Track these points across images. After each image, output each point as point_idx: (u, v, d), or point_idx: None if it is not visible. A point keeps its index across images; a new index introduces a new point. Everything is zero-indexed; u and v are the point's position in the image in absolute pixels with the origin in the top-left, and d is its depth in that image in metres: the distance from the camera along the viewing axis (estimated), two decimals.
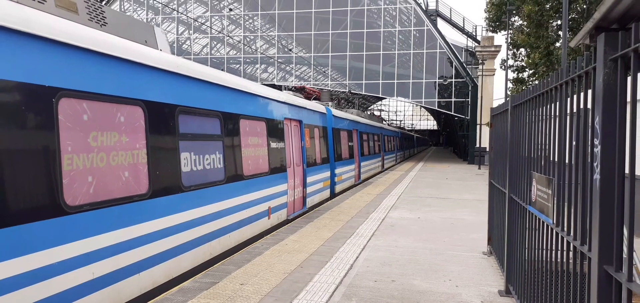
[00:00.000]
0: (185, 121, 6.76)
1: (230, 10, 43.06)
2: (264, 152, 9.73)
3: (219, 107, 7.85)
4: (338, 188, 16.91)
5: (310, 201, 13.10)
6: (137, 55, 5.80)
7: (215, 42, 46.59)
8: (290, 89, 17.47)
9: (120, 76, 5.47)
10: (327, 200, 15.01)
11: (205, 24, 43.89)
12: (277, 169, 10.40)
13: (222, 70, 8.72)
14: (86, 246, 4.76)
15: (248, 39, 45.15)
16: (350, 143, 19.58)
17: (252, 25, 45.68)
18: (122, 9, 44.69)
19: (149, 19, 46.21)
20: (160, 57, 6.37)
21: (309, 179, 13.07)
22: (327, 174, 15.37)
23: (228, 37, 43.79)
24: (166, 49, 7.50)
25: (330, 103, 19.90)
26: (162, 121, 6.20)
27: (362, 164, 22.14)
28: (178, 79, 6.71)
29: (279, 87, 19.73)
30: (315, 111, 14.61)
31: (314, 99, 18.05)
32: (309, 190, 13.03)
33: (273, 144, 10.28)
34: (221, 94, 8.03)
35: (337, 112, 18.26)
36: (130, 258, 5.42)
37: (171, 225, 6.25)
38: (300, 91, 17.66)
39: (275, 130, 10.53)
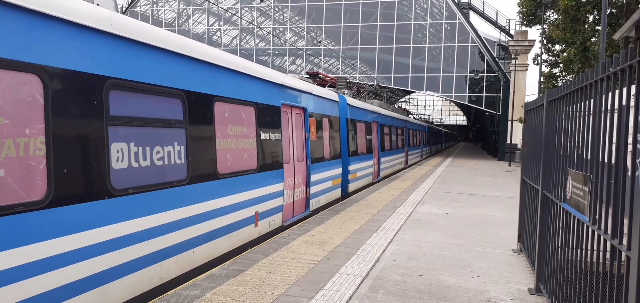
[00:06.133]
0: (122, 100, 5.02)
1: (261, 0, 43.21)
2: (252, 144, 7.94)
3: (180, 85, 5.98)
4: (352, 187, 15.13)
5: (315, 203, 11.27)
6: (35, 3, 3.99)
7: (245, 34, 46.98)
8: (303, 76, 16.43)
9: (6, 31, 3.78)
10: (337, 200, 13.20)
11: (236, 15, 44.26)
12: (269, 166, 8.59)
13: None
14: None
15: (277, 31, 45.35)
16: (368, 136, 17.73)
17: (281, 16, 45.85)
18: None
19: (179, 10, 46.92)
20: (81, 10, 4.47)
21: (314, 177, 11.15)
22: (338, 171, 13.41)
23: (258, 29, 44.04)
24: (109, 4, 5.85)
25: (346, 91, 18.03)
26: (79, 98, 4.42)
27: (382, 160, 20.25)
28: (114, 42, 4.92)
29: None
30: (325, 98, 12.60)
31: (329, 86, 16.37)
32: (314, 189, 11.17)
33: (265, 135, 8.48)
34: (185, 67, 6.16)
35: (353, 101, 16.35)
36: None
37: (95, 242, 4.54)
38: (314, 76, 16.01)
39: (268, 118, 8.66)
